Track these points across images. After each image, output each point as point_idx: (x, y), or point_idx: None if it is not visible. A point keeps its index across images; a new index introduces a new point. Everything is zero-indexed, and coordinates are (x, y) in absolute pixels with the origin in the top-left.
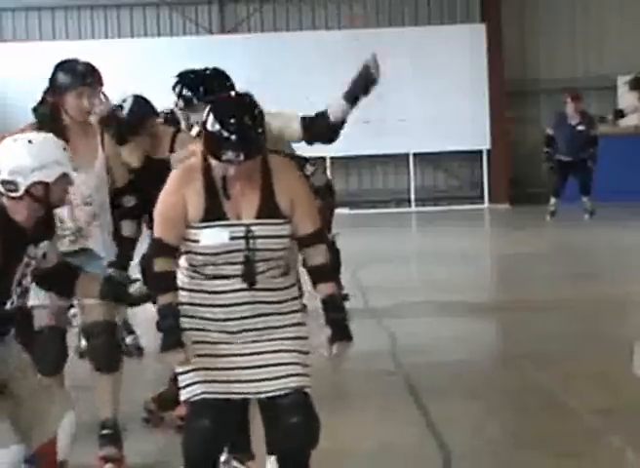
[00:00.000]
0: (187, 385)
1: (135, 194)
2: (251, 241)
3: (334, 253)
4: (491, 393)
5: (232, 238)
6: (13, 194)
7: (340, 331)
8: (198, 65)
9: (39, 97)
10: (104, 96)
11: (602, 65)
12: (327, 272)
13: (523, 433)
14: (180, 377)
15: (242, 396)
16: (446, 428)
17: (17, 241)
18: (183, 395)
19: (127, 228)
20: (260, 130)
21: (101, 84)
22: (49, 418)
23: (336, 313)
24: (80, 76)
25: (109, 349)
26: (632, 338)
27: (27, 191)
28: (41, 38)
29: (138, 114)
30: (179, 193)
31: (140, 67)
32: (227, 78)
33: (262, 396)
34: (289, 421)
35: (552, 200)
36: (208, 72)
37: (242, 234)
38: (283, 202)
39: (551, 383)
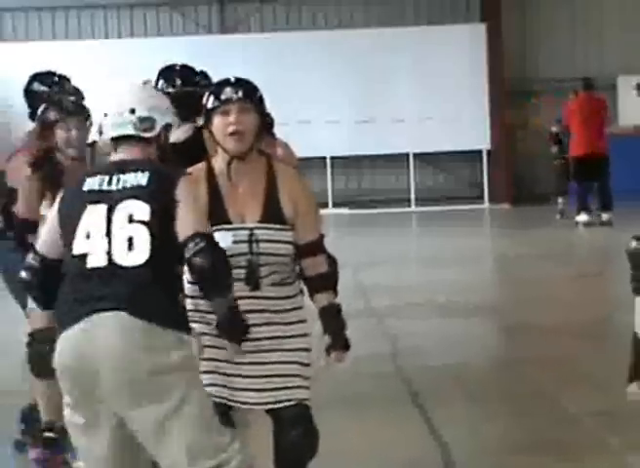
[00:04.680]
0: None
1: None
2: (254, 245)
3: (332, 264)
4: (491, 396)
5: (235, 241)
6: (148, 133)
7: (338, 341)
8: (198, 66)
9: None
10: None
11: (602, 65)
12: (326, 281)
13: (523, 436)
14: None
15: (243, 405)
16: (446, 431)
17: None
18: None
19: None
20: (260, 94)
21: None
22: None
23: (334, 322)
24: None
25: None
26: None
27: (158, 133)
28: (41, 38)
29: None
30: None
31: (141, 67)
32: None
33: (264, 407)
34: (290, 434)
35: (560, 199)
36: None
37: (245, 238)
38: (286, 207)
39: (551, 386)
